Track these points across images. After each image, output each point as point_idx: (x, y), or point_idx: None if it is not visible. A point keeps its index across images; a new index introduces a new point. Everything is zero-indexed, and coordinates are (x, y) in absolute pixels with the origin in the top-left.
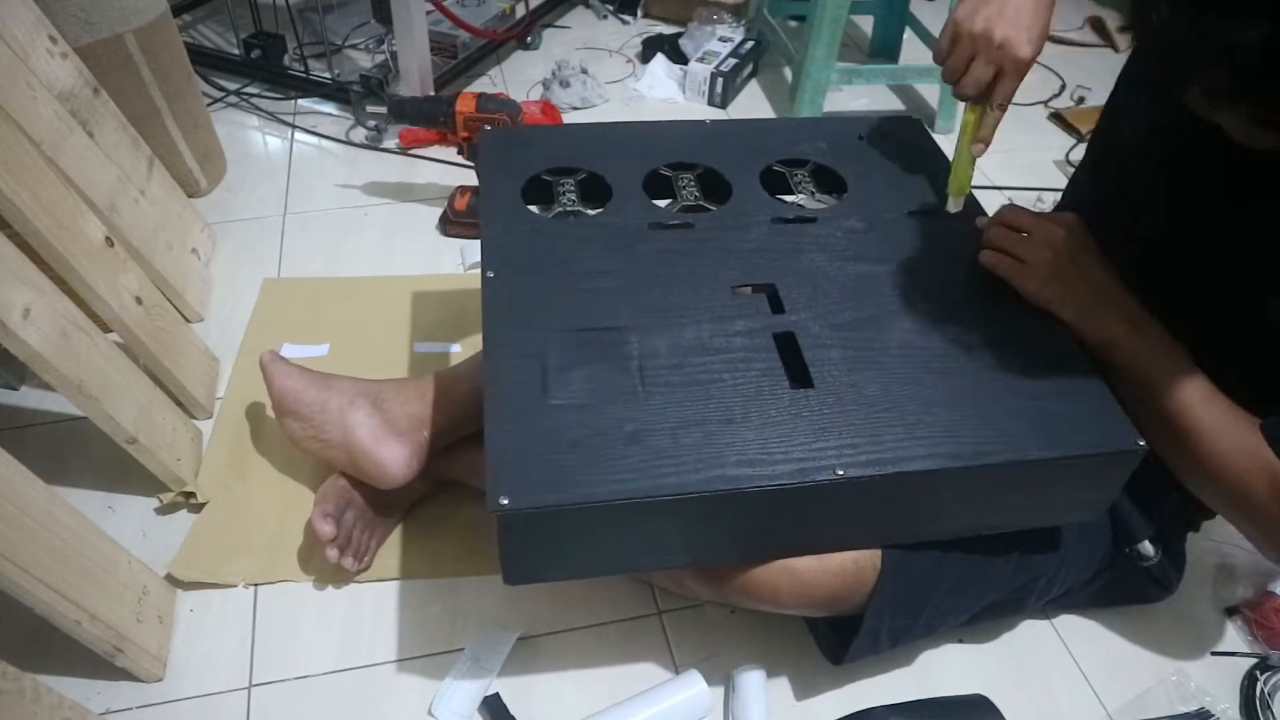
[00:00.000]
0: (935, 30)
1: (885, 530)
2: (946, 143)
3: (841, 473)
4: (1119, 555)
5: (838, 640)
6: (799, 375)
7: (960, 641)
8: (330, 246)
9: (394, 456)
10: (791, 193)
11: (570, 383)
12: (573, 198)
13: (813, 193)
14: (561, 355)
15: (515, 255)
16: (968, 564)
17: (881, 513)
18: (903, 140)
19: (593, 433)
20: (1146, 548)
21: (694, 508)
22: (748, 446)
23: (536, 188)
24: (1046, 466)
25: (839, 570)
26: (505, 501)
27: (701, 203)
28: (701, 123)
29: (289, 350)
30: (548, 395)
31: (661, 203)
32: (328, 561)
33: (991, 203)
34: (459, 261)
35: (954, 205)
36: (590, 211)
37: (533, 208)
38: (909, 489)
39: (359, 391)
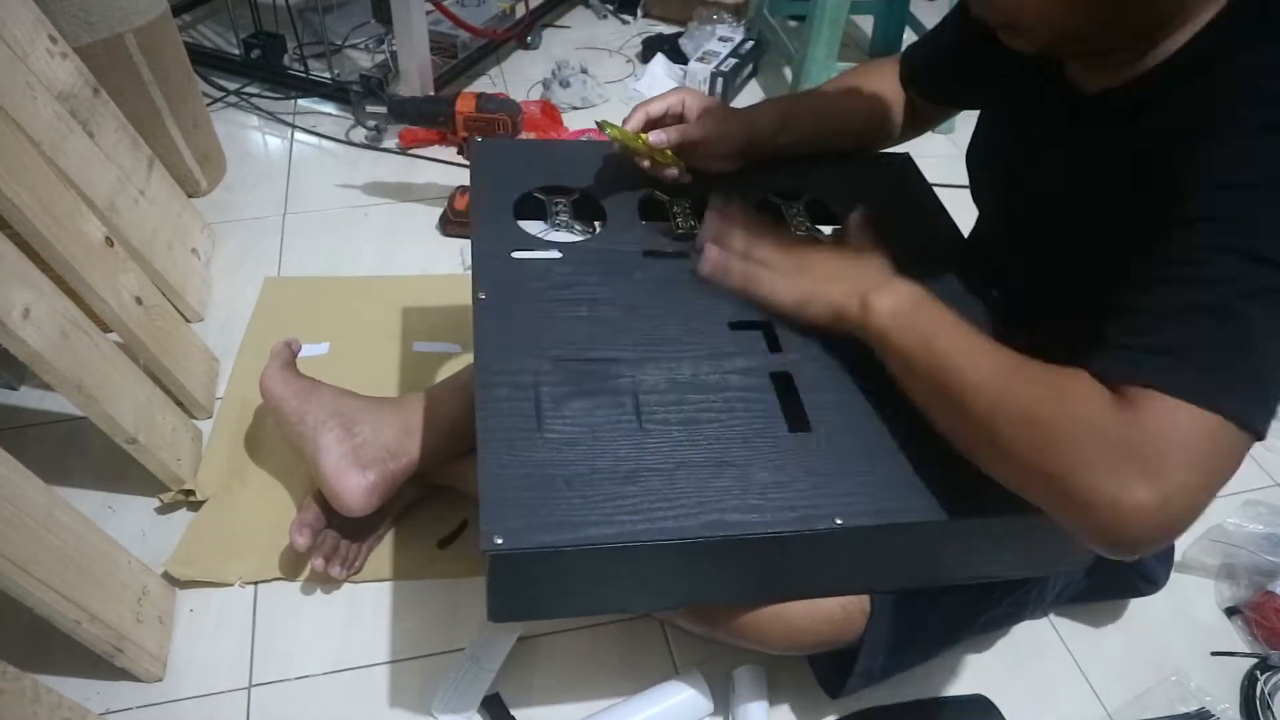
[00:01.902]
0: None
1: (879, 577)
2: (947, 143)
3: (840, 521)
4: None
5: (835, 674)
6: (796, 417)
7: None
8: (330, 246)
9: (354, 489)
10: (786, 224)
11: (566, 416)
12: (566, 218)
13: (807, 227)
14: (557, 386)
15: (509, 277)
16: (959, 595)
17: (876, 561)
18: (892, 174)
19: (590, 470)
20: None
21: (691, 552)
22: (747, 492)
23: (528, 204)
24: (1036, 522)
25: (827, 617)
26: (500, 541)
27: (696, 231)
28: None
29: None
30: (542, 429)
31: (655, 226)
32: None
33: None
34: (459, 261)
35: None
36: (584, 235)
37: (524, 224)
38: (906, 539)
39: (335, 411)
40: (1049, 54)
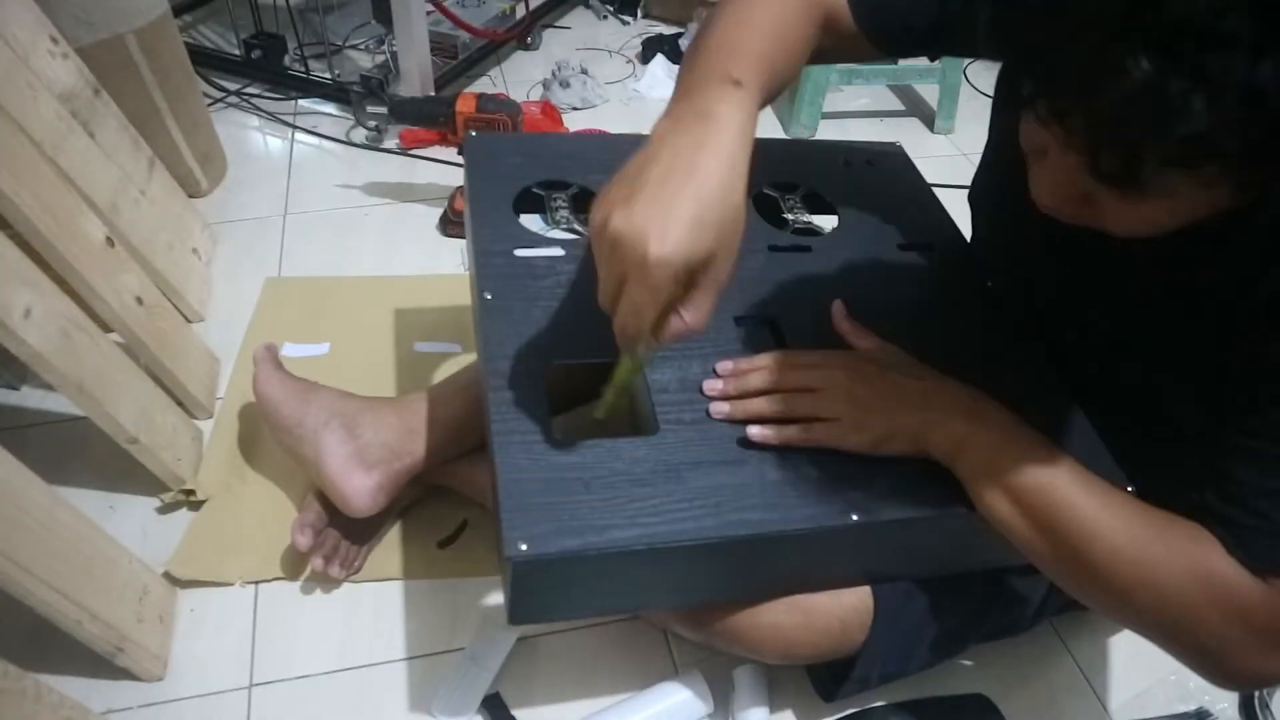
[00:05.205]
0: None
1: (882, 568)
2: (946, 144)
3: (856, 517)
4: None
5: (830, 678)
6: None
7: None
8: (330, 246)
9: (359, 490)
10: (783, 217)
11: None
12: (566, 214)
13: (807, 221)
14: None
15: (512, 275)
16: (957, 611)
17: (886, 553)
18: (887, 168)
19: (609, 473)
20: None
21: (712, 552)
22: (763, 490)
23: (526, 199)
24: None
25: (825, 630)
26: (524, 547)
27: None
28: None
29: (290, 349)
30: (558, 431)
31: None
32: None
33: None
34: (459, 261)
35: (599, 413)
36: (585, 231)
37: (523, 218)
38: (914, 532)
39: (336, 412)
40: None
